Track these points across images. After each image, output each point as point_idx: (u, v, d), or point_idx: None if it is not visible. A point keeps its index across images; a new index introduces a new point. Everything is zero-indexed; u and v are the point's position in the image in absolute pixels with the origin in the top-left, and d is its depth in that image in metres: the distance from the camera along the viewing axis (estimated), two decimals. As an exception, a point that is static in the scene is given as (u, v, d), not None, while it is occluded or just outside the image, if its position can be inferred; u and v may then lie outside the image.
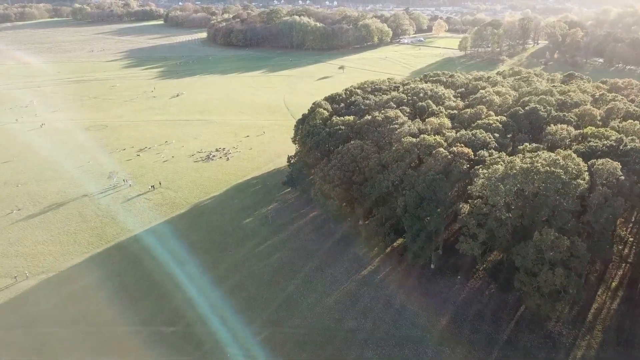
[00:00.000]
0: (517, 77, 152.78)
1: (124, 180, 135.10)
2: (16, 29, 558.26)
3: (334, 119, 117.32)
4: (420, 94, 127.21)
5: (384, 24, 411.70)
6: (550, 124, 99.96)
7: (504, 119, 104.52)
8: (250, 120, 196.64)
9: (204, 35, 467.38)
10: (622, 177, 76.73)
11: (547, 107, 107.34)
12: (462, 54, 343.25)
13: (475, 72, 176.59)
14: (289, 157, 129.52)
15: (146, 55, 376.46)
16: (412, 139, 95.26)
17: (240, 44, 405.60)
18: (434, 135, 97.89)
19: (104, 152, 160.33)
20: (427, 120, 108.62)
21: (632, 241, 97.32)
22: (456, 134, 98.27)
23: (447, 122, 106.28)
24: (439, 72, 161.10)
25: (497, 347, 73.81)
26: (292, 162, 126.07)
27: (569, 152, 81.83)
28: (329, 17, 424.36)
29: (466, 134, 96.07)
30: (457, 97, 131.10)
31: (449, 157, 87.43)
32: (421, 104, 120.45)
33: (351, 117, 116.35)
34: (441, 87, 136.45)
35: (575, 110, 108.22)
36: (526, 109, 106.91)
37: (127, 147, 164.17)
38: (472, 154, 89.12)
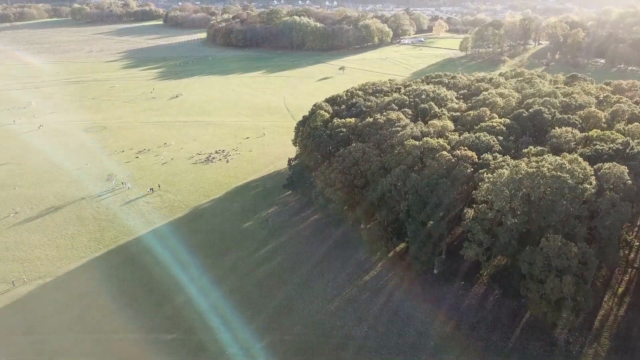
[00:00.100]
0: (519, 78, 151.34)
1: (122, 182, 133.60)
2: (15, 29, 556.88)
3: (335, 121, 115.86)
4: (422, 96, 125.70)
5: (385, 24, 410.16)
6: (554, 127, 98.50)
7: (507, 121, 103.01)
8: (250, 121, 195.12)
9: (204, 35, 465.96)
10: (630, 182, 75.39)
11: (551, 110, 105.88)
12: (463, 54, 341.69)
13: (477, 73, 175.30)
14: (289, 160, 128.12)
15: (145, 55, 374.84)
16: (414, 141, 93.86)
17: (240, 44, 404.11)
18: (437, 138, 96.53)
19: (103, 154, 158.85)
20: (429, 122, 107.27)
21: (639, 246, 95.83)
22: (459, 136, 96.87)
23: (450, 125, 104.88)
24: (441, 74, 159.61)
25: (503, 355, 72.35)
26: (292, 164, 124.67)
27: (575, 155, 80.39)
28: (329, 18, 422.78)
29: (469, 136, 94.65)
30: (459, 99, 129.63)
31: (453, 160, 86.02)
32: (423, 106, 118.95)
33: (352, 119, 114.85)
34: (443, 89, 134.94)
35: (579, 112, 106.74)
36: (530, 111, 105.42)
37: (126, 149, 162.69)
38: (476, 157, 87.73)
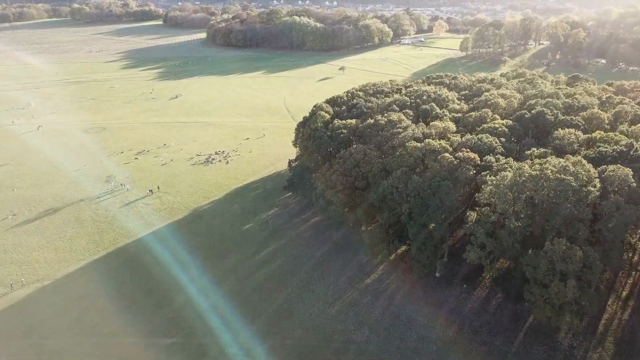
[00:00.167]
0: (521, 79, 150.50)
1: (121, 184, 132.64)
2: (14, 29, 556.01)
3: (336, 122, 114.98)
4: (423, 97, 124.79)
5: (385, 24, 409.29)
6: (557, 128, 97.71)
7: (510, 122, 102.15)
8: (250, 122, 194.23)
9: (203, 35, 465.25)
10: (634, 184, 74.49)
11: (553, 111, 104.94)
12: (464, 54, 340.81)
13: (478, 74, 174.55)
14: (289, 161, 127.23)
15: (145, 55, 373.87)
16: (416, 143, 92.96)
17: (239, 44, 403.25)
18: (439, 139, 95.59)
19: (102, 155, 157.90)
20: (431, 124, 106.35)
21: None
22: (461, 138, 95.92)
23: (452, 126, 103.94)
24: (442, 74, 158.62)
25: (506, 360, 71.68)
26: (292, 166, 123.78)
27: (578, 158, 79.46)
28: (329, 18, 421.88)
29: (472, 138, 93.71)
30: (460, 100, 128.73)
31: (455, 162, 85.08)
32: (425, 107, 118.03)
33: (353, 121, 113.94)
34: (444, 90, 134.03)
35: (582, 113, 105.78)
36: (532, 112, 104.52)
37: (125, 150, 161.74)
38: (479, 159, 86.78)
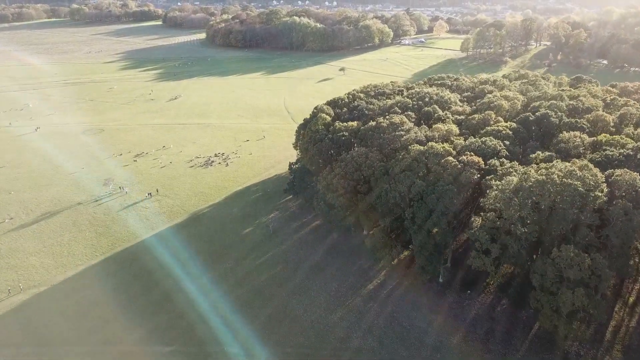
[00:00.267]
0: (523, 80, 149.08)
1: (120, 187, 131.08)
2: (13, 29, 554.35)
3: (337, 124, 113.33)
4: (425, 99, 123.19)
5: (385, 24, 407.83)
6: (562, 131, 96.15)
7: (513, 125, 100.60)
8: (249, 123, 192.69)
9: (203, 36, 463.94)
10: (642, 189, 72.93)
11: (558, 113, 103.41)
12: (464, 55, 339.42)
13: (480, 75, 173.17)
14: (290, 164, 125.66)
15: (144, 56, 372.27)
16: (419, 146, 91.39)
17: (239, 45, 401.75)
18: (442, 142, 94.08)
19: (100, 157, 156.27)
20: (434, 126, 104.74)
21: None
22: (465, 141, 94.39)
23: (455, 129, 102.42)
24: (444, 75, 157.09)
25: (512, 369, 70.24)
26: (293, 168, 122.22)
27: (585, 162, 77.94)
28: (329, 18, 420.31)
29: (475, 141, 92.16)
30: (463, 102, 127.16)
31: (459, 166, 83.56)
32: (427, 109, 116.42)
33: (354, 123, 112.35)
34: (447, 91, 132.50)
35: (587, 116, 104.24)
36: (537, 114, 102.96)
37: (124, 152, 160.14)
38: (483, 162, 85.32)
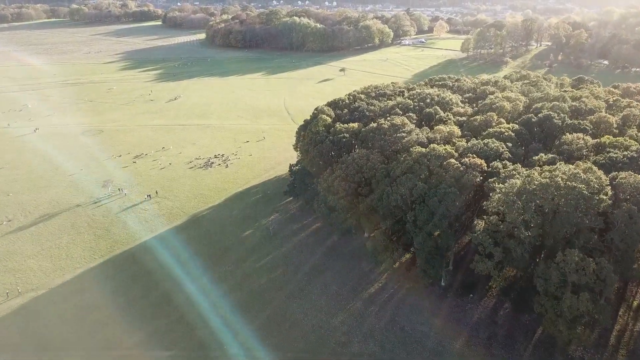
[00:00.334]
0: (525, 81, 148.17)
1: (119, 189, 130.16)
2: (12, 29, 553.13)
3: (338, 126, 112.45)
4: (427, 100, 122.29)
5: (385, 25, 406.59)
6: (565, 133, 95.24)
7: (516, 127, 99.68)
8: (249, 124, 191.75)
9: (203, 36, 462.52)
10: (647, 192, 72.04)
11: (560, 115, 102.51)
12: (465, 55, 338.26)
13: (481, 76, 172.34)
14: (290, 165, 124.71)
15: (144, 56, 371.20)
16: (421, 148, 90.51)
17: (239, 45, 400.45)
18: (444, 144, 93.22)
19: (99, 158, 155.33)
20: (435, 128, 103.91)
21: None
22: (467, 143, 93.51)
23: (457, 130, 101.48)
24: (445, 76, 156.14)
25: (515, 374, 69.37)
26: (293, 170, 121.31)
27: (589, 164, 77.11)
28: (329, 18, 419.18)
29: (477, 143, 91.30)
30: (464, 103, 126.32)
31: (461, 169, 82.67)
32: (428, 110, 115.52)
33: (355, 124, 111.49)
34: (448, 92, 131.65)
35: (590, 117, 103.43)
36: (539, 116, 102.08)
37: (123, 154, 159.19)
38: (485, 165, 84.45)
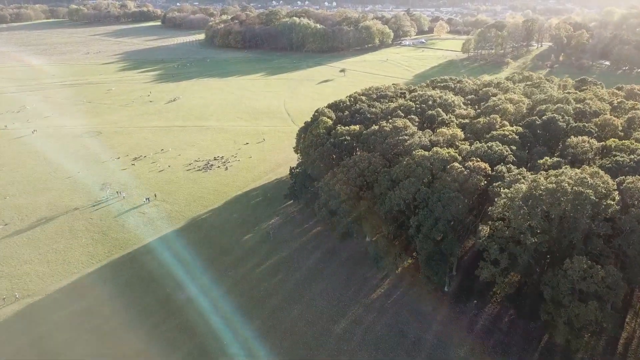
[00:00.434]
0: (527, 82, 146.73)
1: (117, 191, 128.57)
2: (11, 30, 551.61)
3: (339, 128, 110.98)
4: (428, 102, 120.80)
5: (385, 25, 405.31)
6: (570, 135, 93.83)
7: (520, 129, 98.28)
8: (249, 126, 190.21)
9: (202, 36, 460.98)
10: (655, 197, 70.61)
11: (565, 117, 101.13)
12: (465, 56, 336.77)
13: (483, 77, 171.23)
14: (291, 168, 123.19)
15: (143, 57, 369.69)
16: (424, 152, 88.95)
17: (238, 45, 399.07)
18: (447, 147, 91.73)
19: (98, 161, 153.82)
20: (438, 130, 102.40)
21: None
22: (470, 146, 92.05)
23: (460, 133, 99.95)
24: (447, 78, 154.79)
25: (521, 384, 67.90)
26: (294, 173, 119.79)
27: (595, 168, 75.67)
28: (329, 19, 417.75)
29: (481, 146, 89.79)
30: (467, 105, 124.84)
31: (465, 173, 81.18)
32: (430, 112, 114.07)
33: (356, 127, 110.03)
34: (450, 94, 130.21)
35: (594, 119, 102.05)
36: (543, 118, 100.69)
37: (122, 156, 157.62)
38: (490, 169, 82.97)
